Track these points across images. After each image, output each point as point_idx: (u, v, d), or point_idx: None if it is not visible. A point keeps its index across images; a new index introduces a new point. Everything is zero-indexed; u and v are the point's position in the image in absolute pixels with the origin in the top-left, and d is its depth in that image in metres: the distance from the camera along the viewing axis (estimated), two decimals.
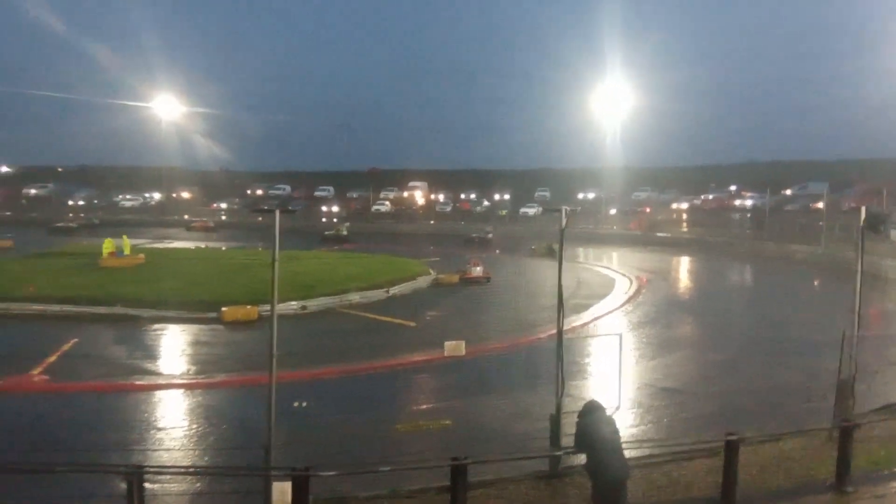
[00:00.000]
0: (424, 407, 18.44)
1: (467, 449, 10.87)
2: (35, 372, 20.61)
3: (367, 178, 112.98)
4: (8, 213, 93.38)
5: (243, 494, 11.04)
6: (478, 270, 41.10)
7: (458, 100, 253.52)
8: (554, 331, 13.28)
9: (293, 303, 30.18)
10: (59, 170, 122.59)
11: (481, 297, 36.95)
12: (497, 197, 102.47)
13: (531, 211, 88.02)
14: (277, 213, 11.58)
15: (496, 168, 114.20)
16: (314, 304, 31.40)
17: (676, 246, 66.81)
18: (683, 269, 55.57)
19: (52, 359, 22.10)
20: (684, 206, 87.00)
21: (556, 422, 12.12)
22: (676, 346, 26.52)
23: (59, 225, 77.76)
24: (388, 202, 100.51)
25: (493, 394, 19.41)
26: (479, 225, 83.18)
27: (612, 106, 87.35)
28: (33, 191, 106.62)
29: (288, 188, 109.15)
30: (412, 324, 28.72)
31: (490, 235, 72.78)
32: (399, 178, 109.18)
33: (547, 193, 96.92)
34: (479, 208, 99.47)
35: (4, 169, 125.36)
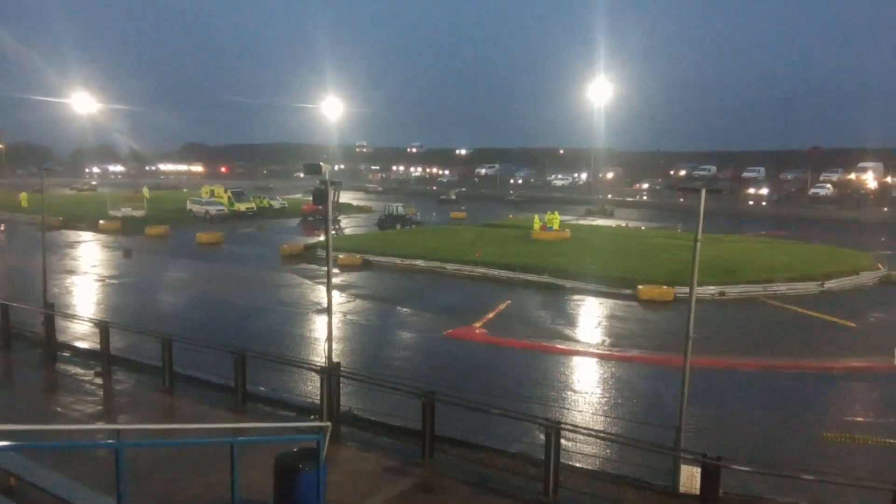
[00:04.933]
0: (861, 419, 15.95)
1: None
2: (477, 325, 23.98)
3: (806, 158, 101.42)
4: (463, 189, 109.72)
5: (650, 470, 11.15)
6: None
7: None
8: None
9: (711, 287, 28.96)
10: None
11: None
12: None
13: None
14: (703, 192, 11.21)
15: None
16: (734, 290, 29.62)
17: None
18: None
19: (490, 315, 25.38)
20: None
21: None
22: None
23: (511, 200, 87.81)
24: (829, 185, 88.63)
25: None
26: None
27: None
28: (483, 170, 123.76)
29: (713, 168, 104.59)
30: (851, 324, 24.98)
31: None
32: (846, 158, 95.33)
33: None
34: None
35: (463, 151, 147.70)
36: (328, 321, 13.92)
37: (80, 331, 20.51)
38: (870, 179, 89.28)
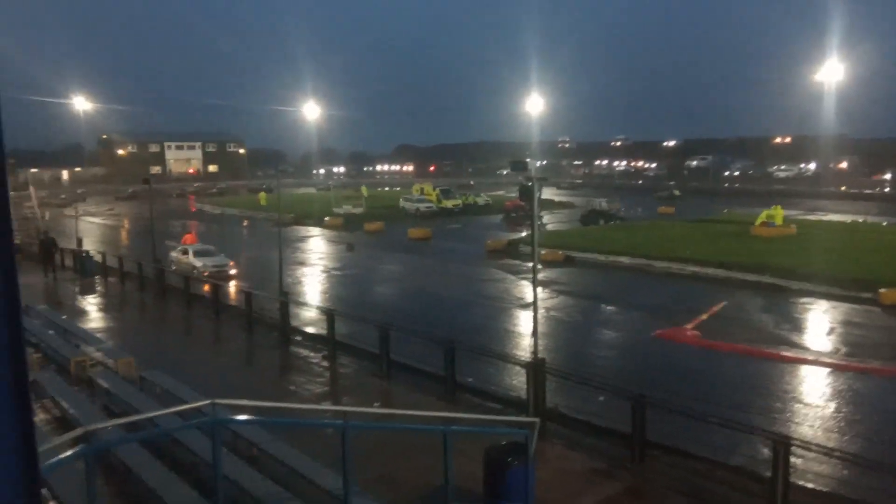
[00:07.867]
0: None
1: None
2: (688, 326, 22.66)
3: None
4: (671, 182, 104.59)
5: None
6: None
7: None
8: None
9: None
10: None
11: None
12: None
13: None
14: None
15: None
16: None
17: None
18: None
19: (704, 317, 23.86)
20: None
21: None
22: None
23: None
24: None
25: None
26: None
27: None
28: (694, 162, 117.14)
29: None
30: None
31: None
32: None
33: None
34: None
35: (671, 143, 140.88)
36: (534, 316, 13.98)
37: (309, 317, 22.61)
38: None
